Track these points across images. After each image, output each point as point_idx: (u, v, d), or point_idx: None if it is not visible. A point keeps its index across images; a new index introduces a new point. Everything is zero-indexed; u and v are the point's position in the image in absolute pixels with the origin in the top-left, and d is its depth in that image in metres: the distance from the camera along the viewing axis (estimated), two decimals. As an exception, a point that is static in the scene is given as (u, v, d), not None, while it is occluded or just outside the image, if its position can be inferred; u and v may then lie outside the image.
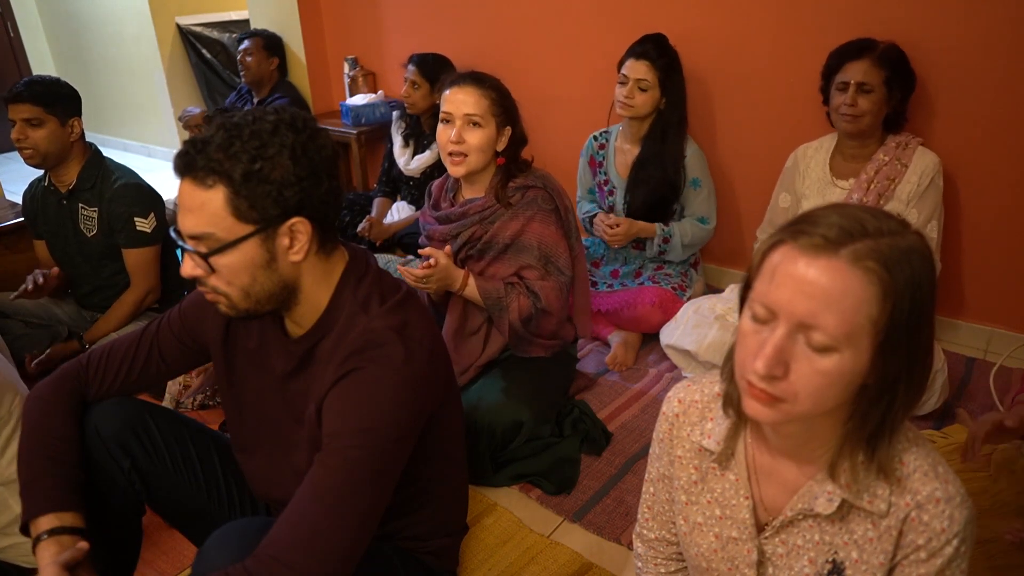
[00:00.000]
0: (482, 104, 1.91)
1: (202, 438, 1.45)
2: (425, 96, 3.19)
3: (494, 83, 1.96)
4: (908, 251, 0.80)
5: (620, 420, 2.27)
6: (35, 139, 2.23)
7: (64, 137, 2.29)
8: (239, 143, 1.05)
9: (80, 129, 2.33)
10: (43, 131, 2.24)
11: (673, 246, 2.60)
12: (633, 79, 2.51)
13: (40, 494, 1.20)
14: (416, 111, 3.24)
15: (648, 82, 2.50)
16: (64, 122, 2.27)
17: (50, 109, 2.23)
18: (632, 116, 2.58)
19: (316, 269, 1.18)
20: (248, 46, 3.87)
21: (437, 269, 1.92)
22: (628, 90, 2.53)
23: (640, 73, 2.50)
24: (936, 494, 0.88)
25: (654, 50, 2.52)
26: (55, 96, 2.26)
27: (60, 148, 2.29)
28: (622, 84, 2.55)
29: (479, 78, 1.95)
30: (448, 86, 1.96)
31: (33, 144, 2.23)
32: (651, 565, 1.21)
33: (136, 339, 1.37)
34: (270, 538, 1.05)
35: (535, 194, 1.99)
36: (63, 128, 2.27)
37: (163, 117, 5.43)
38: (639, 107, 2.54)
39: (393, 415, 1.11)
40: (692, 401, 1.07)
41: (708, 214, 2.65)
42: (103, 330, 2.42)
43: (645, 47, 2.53)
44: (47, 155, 2.28)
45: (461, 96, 1.91)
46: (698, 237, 2.64)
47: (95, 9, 5.49)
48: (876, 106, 2.20)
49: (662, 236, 2.58)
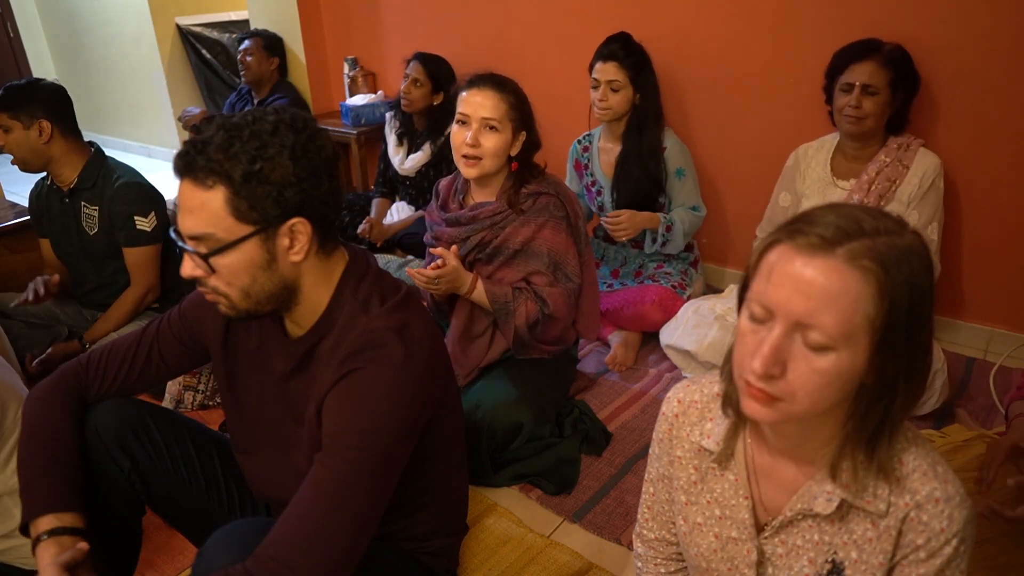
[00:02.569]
0: (500, 108, 1.89)
1: (202, 438, 1.45)
2: (425, 95, 3.17)
3: (513, 87, 1.94)
4: (906, 250, 0.80)
5: (620, 420, 2.27)
6: (9, 145, 2.22)
7: (32, 140, 2.23)
8: (239, 144, 1.05)
9: (49, 130, 2.24)
10: (11, 136, 2.22)
11: (675, 234, 2.59)
12: (604, 81, 2.54)
13: (40, 495, 1.20)
14: (412, 109, 3.21)
15: (619, 82, 2.53)
16: (28, 125, 2.21)
17: (13, 113, 2.20)
18: (610, 119, 2.60)
19: (316, 269, 1.18)
20: (248, 46, 3.87)
21: (447, 271, 1.90)
22: (601, 92, 2.55)
23: (610, 75, 2.53)
24: (935, 494, 0.88)
25: (621, 50, 2.54)
26: (20, 99, 2.21)
27: (30, 152, 2.24)
28: (595, 87, 2.57)
29: (499, 81, 1.93)
30: (466, 87, 1.93)
31: (10, 150, 2.23)
32: (651, 565, 1.21)
33: (136, 339, 1.37)
34: (270, 538, 1.05)
35: (547, 201, 1.98)
36: (27, 131, 2.22)
37: (163, 117, 5.43)
38: (615, 108, 2.56)
39: (393, 415, 1.11)
40: (692, 401, 1.07)
41: (697, 202, 2.65)
42: (103, 329, 2.42)
43: (611, 47, 2.55)
44: (24, 160, 2.26)
45: (479, 99, 1.89)
46: (694, 225, 2.64)
47: (95, 9, 5.49)
48: (880, 108, 2.20)
49: (665, 224, 2.57)
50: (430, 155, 3.21)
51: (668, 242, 2.61)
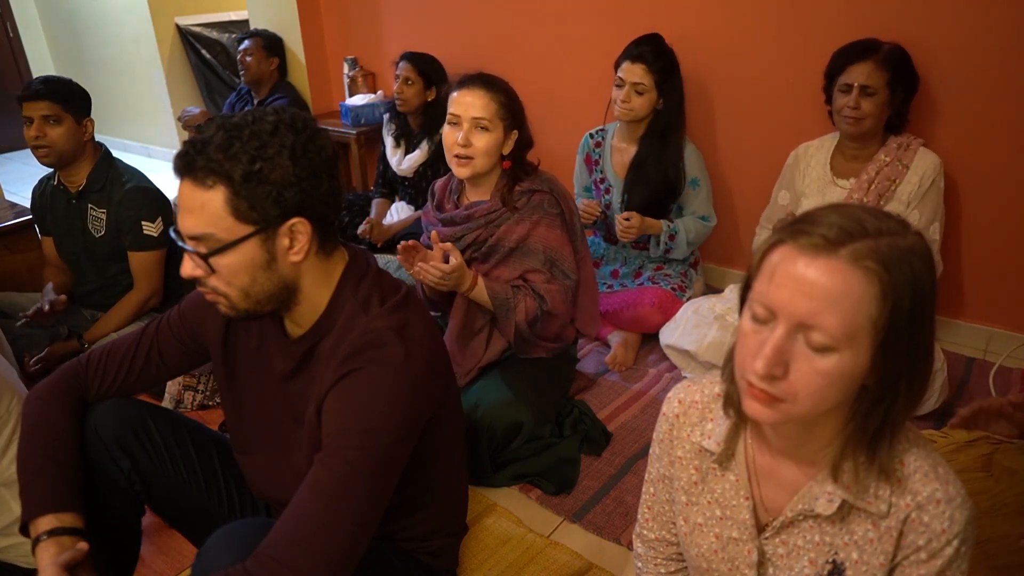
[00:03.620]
0: (490, 108, 1.89)
1: (202, 439, 1.44)
2: (418, 93, 3.18)
3: (503, 86, 1.94)
4: (908, 251, 0.80)
5: (620, 420, 2.27)
6: (53, 137, 2.24)
7: (79, 136, 2.31)
8: (239, 144, 1.05)
9: (92, 129, 2.36)
10: (61, 128, 2.25)
11: (679, 243, 2.59)
12: (629, 83, 2.49)
13: (40, 495, 1.20)
14: (408, 108, 3.23)
15: (645, 85, 2.48)
16: (79, 121, 2.30)
17: (67, 107, 2.26)
18: (630, 119, 2.56)
19: (316, 269, 1.18)
20: (248, 46, 3.86)
21: (455, 266, 1.90)
22: (625, 94, 2.51)
23: (636, 77, 2.48)
24: (936, 495, 0.88)
25: (650, 53, 2.48)
26: (71, 94, 2.29)
27: (74, 147, 2.31)
28: (619, 86, 2.53)
29: (488, 80, 1.93)
30: (456, 87, 1.94)
31: (51, 142, 2.25)
32: (651, 565, 1.21)
33: (136, 339, 1.37)
34: (270, 538, 1.05)
35: (541, 198, 1.98)
36: (79, 127, 2.30)
37: (163, 117, 5.43)
38: (637, 110, 2.52)
39: (393, 415, 1.11)
40: (692, 402, 1.06)
41: (708, 212, 2.65)
42: (103, 330, 2.42)
43: (641, 49, 2.49)
44: (63, 153, 2.29)
45: (469, 99, 1.90)
46: (701, 235, 2.64)
47: (95, 9, 5.49)
48: (879, 108, 2.20)
49: (668, 233, 2.57)
50: (428, 153, 3.22)
51: (672, 249, 2.62)
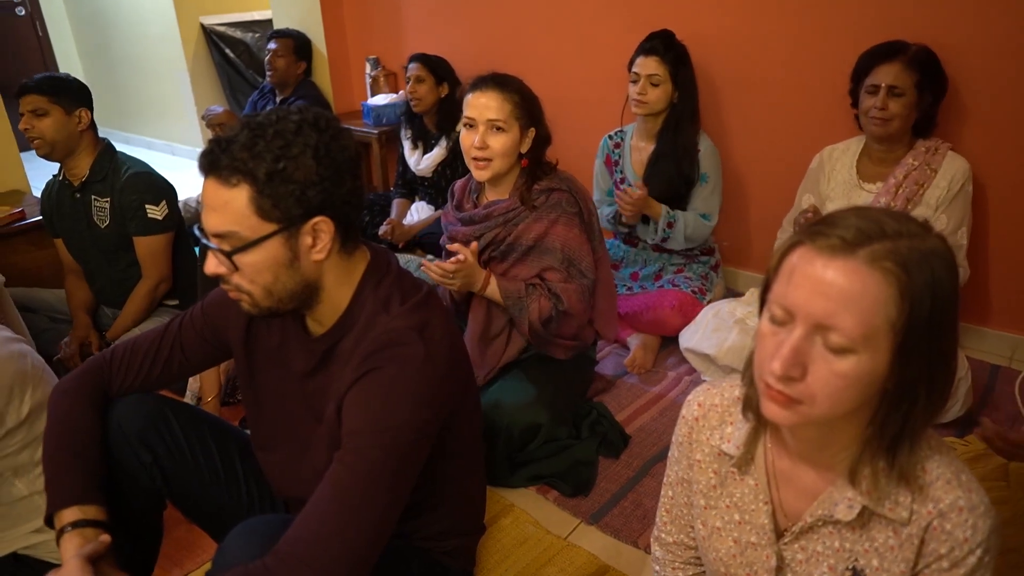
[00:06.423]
0: (505, 108, 1.90)
1: (222, 435, 1.45)
2: (431, 89, 3.23)
3: (517, 85, 1.94)
4: (928, 254, 0.79)
5: (638, 423, 2.26)
6: (41, 128, 2.27)
7: (70, 126, 2.31)
8: (263, 142, 1.06)
9: (88, 119, 2.35)
10: (48, 120, 2.27)
11: (676, 232, 2.59)
12: (644, 75, 2.55)
13: (64, 487, 1.22)
14: (423, 107, 3.26)
15: (660, 76, 2.54)
16: (70, 111, 2.30)
17: (54, 99, 2.27)
18: (647, 113, 2.60)
19: (338, 268, 1.19)
20: (278, 47, 3.88)
21: (465, 265, 1.91)
22: (640, 87, 2.56)
23: (651, 69, 2.54)
24: (959, 503, 0.87)
25: (662, 45, 2.55)
26: (59, 87, 2.30)
27: (66, 137, 2.32)
28: (634, 82, 2.58)
29: (501, 81, 1.93)
30: (470, 90, 1.94)
31: (40, 133, 2.28)
32: (669, 569, 1.20)
33: (159, 335, 1.39)
34: (289, 536, 1.06)
35: (560, 197, 1.98)
36: (68, 117, 2.30)
37: (187, 116, 5.49)
38: (653, 103, 2.56)
39: (412, 415, 1.12)
40: (712, 405, 1.06)
41: (710, 211, 2.64)
42: (123, 326, 2.44)
43: (653, 43, 2.57)
44: (54, 144, 2.31)
45: (483, 100, 1.90)
46: (698, 232, 2.63)
47: (121, 9, 5.56)
48: (906, 110, 2.17)
49: (667, 220, 2.57)
50: (447, 151, 3.25)
51: (668, 238, 2.62)
